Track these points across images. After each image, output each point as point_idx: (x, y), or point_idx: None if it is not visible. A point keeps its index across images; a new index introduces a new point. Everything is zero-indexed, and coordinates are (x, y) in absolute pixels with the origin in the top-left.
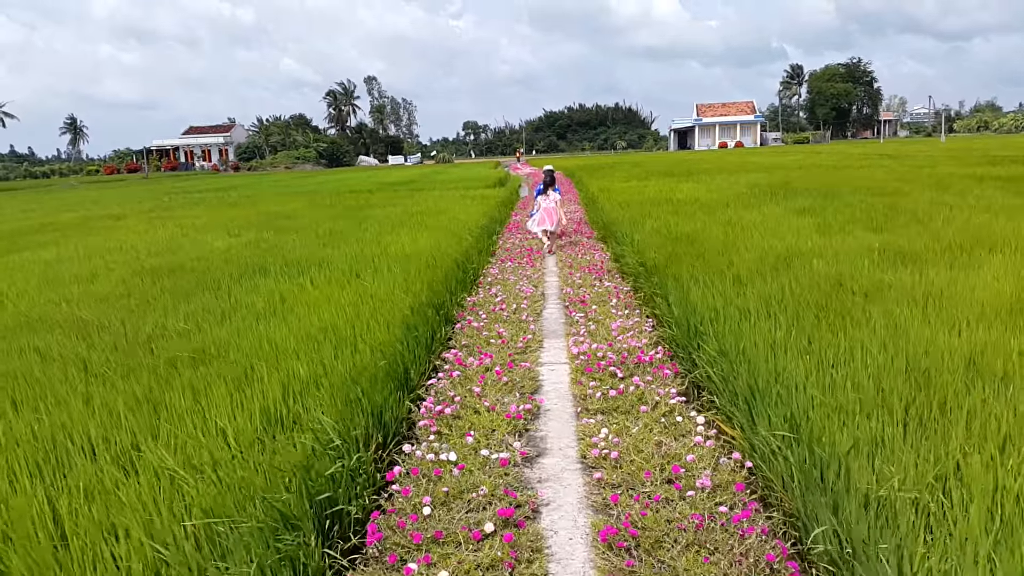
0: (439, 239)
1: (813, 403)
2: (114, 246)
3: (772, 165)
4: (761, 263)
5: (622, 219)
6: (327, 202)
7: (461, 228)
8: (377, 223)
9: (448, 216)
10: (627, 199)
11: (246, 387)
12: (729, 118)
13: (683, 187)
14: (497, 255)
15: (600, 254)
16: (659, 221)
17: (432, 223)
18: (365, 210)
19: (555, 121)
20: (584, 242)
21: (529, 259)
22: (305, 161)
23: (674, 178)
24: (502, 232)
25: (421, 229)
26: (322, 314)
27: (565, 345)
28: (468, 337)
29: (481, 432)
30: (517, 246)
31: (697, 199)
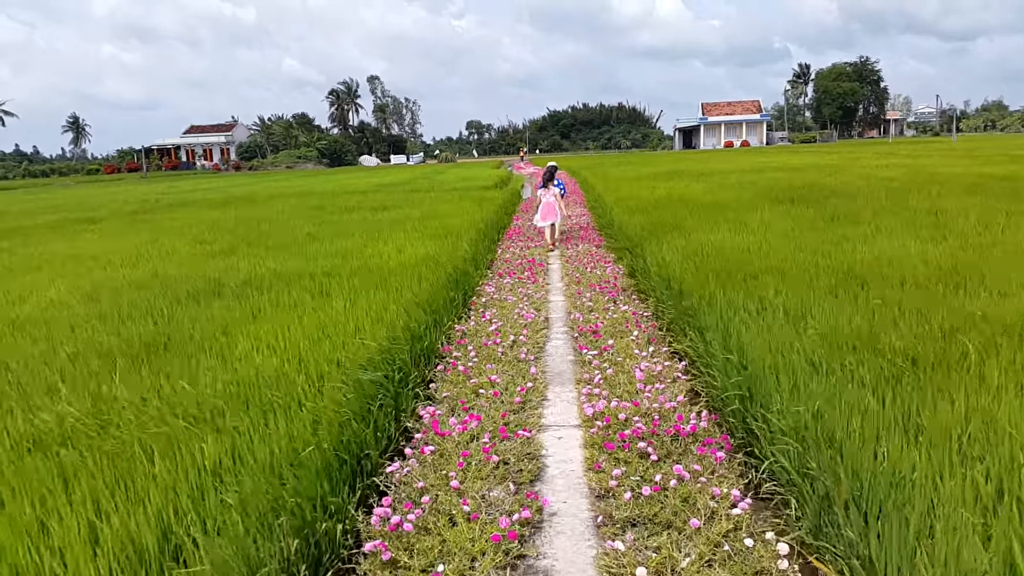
0: (430, 249)
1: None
2: (73, 254)
3: (787, 165)
4: (813, 281)
5: (633, 224)
6: (316, 204)
7: (456, 236)
8: (365, 229)
9: (443, 221)
10: (638, 201)
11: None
12: (735, 117)
13: (696, 187)
14: (495, 267)
15: (612, 267)
16: (679, 229)
17: (425, 229)
18: (355, 213)
19: (559, 120)
20: (593, 252)
21: (531, 273)
22: (307, 160)
23: (685, 178)
24: (502, 239)
25: (412, 237)
26: (264, 356)
27: (575, 397)
28: (452, 384)
29: (456, 563)
30: (517, 257)
31: (716, 201)
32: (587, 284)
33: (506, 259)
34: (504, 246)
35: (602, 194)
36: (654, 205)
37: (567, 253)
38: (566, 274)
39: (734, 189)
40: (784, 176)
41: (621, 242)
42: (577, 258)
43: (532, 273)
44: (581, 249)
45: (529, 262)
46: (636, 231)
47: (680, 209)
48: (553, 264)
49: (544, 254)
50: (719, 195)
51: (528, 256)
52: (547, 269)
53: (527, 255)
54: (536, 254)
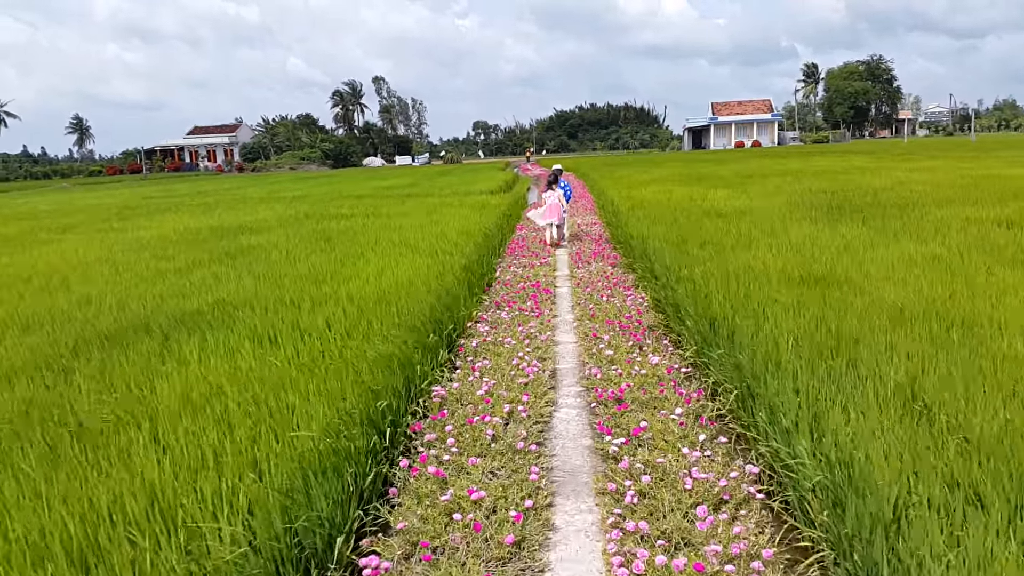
0: (417, 270)
1: None
2: (16, 273)
3: (810, 168)
4: (937, 338)
5: (654, 237)
6: (305, 211)
7: (450, 251)
8: (349, 241)
9: (437, 233)
10: (656, 208)
11: None
12: (745, 117)
13: (717, 193)
14: (493, 291)
15: (632, 294)
16: (710, 246)
17: (417, 242)
18: (344, 221)
19: (566, 120)
20: (608, 272)
21: (535, 303)
22: (310, 162)
23: (704, 182)
24: (503, 254)
25: (400, 253)
26: (102, 487)
27: (598, 528)
28: (416, 499)
29: None
30: (519, 277)
31: (744, 210)
32: (603, 319)
33: (507, 281)
34: (505, 264)
35: (615, 200)
36: (674, 214)
37: (578, 274)
38: (577, 303)
39: (762, 195)
40: (813, 180)
41: (641, 262)
42: (590, 280)
43: (536, 303)
44: (594, 269)
45: (533, 286)
46: (658, 246)
47: (706, 220)
48: (562, 288)
49: (550, 275)
50: (745, 202)
51: (532, 278)
52: (554, 295)
53: (531, 276)
54: (541, 275)
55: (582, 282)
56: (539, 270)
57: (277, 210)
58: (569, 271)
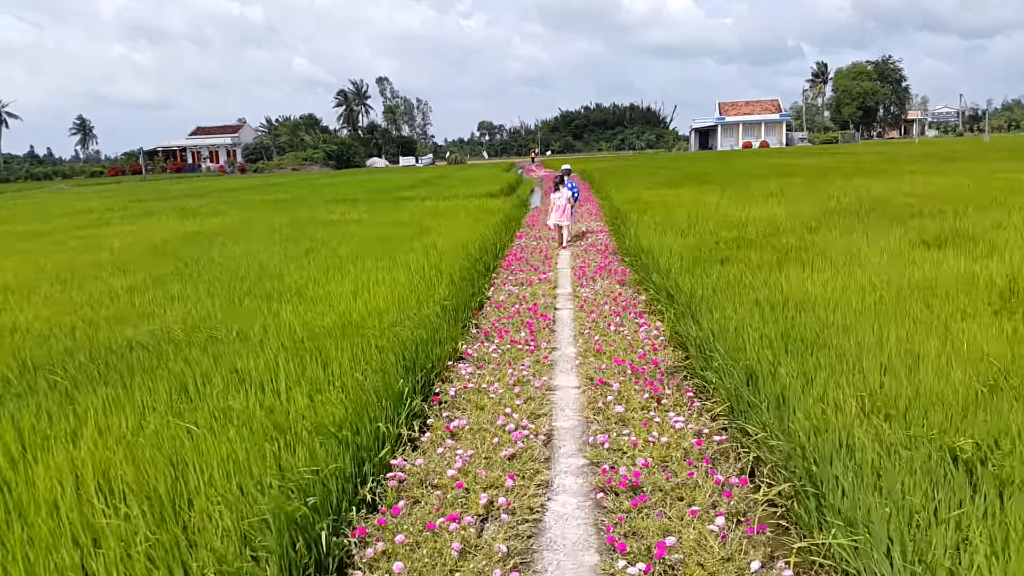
0: (398, 291)
1: None
2: None
3: (835, 168)
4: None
5: (666, 249)
6: (289, 218)
7: (437, 268)
8: (329, 253)
9: (428, 244)
10: (669, 216)
11: None
12: (753, 117)
13: (734, 198)
14: (483, 315)
15: (646, 324)
16: (737, 263)
17: (403, 256)
18: (329, 229)
19: (571, 121)
20: (617, 293)
21: (530, 334)
22: (313, 162)
23: (717, 186)
24: (497, 268)
25: (380, 268)
26: None
27: None
28: None
29: None
30: (515, 297)
31: (774, 218)
32: (611, 355)
33: (500, 301)
34: (500, 279)
35: (621, 206)
36: (690, 222)
37: (581, 294)
38: (580, 333)
39: (787, 201)
40: (842, 182)
41: (654, 281)
42: (595, 302)
43: (532, 332)
44: (600, 288)
45: (530, 310)
46: (675, 265)
47: (728, 230)
48: (562, 311)
49: (550, 293)
50: (772, 209)
51: (529, 298)
52: (553, 321)
53: (528, 295)
54: (540, 294)
55: (586, 304)
56: (538, 288)
57: (262, 215)
58: (572, 289)
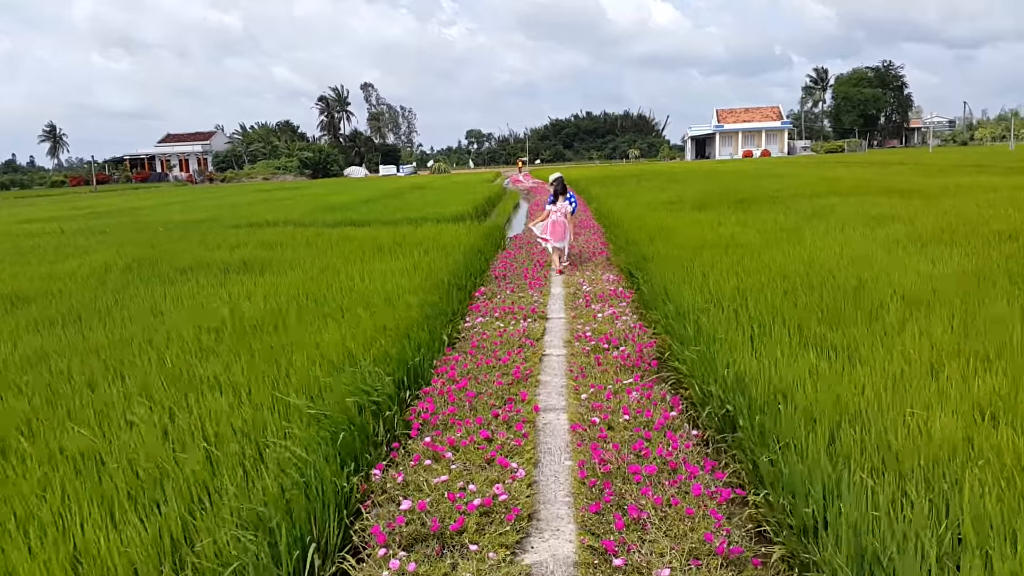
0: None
1: None
2: None
3: (873, 184)
4: None
5: (709, 335)
6: (160, 252)
7: (349, 355)
8: (144, 368)
9: (347, 304)
10: (698, 258)
11: None
12: (753, 124)
13: (776, 221)
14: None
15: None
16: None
17: (295, 344)
18: (192, 284)
19: (561, 129)
20: (640, 405)
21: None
22: (286, 171)
23: (766, 209)
24: (459, 325)
25: (251, 379)
26: None
27: None
28: None
29: None
30: (474, 372)
31: (860, 257)
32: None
33: (447, 403)
34: (445, 374)
35: (640, 242)
36: (733, 266)
37: (582, 399)
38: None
39: (843, 227)
40: (901, 204)
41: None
42: (599, 401)
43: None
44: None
45: (504, 394)
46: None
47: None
48: (552, 423)
49: (530, 392)
50: (842, 244)
51: (495, 400)
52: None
53: (493, 394)
54: (512, 400)
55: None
56: (513, 386)
57: (124, 251)
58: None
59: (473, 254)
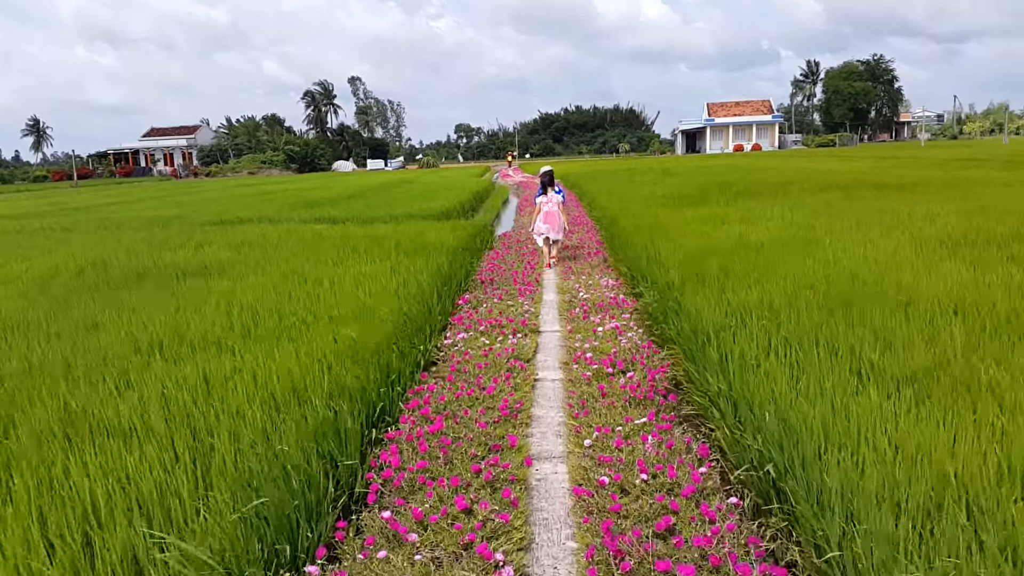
0: None
1: None
2: None
3: (897, 179)
4: None
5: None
6: (113, 254)
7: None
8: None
9: (295, 335)
10: (708, 261)
11: None
12: (744, 118)
13: (792, 220)
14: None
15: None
16: None
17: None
18: (144, 287)
19: (551, 123)
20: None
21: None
22: (272, 165)
23: (774, 204)
24: (438, 348)
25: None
26: None
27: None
28: None
29: None
30: (453, 407)
31: (890, 264)
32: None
33: (417, 453)
34: (431, 379)
35: (635, 238)
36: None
37: (585, 446)
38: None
39: (858, 224)
40: (911, 199)
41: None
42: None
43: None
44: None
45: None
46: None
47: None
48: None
49: (521, 434)
50: (863, 244)
51: (477, 447)
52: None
53: (475, 439)
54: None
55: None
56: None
57: (80, 252)
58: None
59: (458, 255)
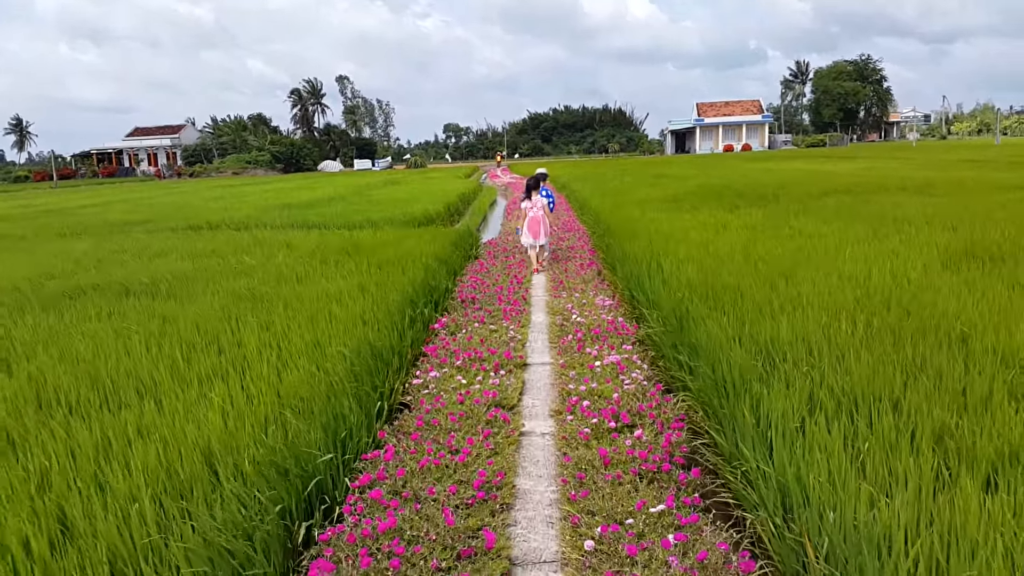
0: None
1: None
2: None
3: (873, 179)
4: None
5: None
6: (87, 263)
7: None
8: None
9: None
10: (717, 278)
11: None
12: (733, 118)
13: (781, 225)
14: None
15: None
16: None
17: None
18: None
19: (539, 123)
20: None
21: None
22: (257, 166)
23: (739, 208)
24: (405, 387)
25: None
26: None
27: None
28: None
29: None
30: (414, 485)
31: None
32: None
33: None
34: (391, 438)
35: (632, 248)
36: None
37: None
38: None
39: (875, 234)
40: (924, 203)
41: None
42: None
43: None
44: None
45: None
46: None
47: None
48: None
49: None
50: (889, 259)
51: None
52: None
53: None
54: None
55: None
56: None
57: (23, 264)
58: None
59: (437, 268)
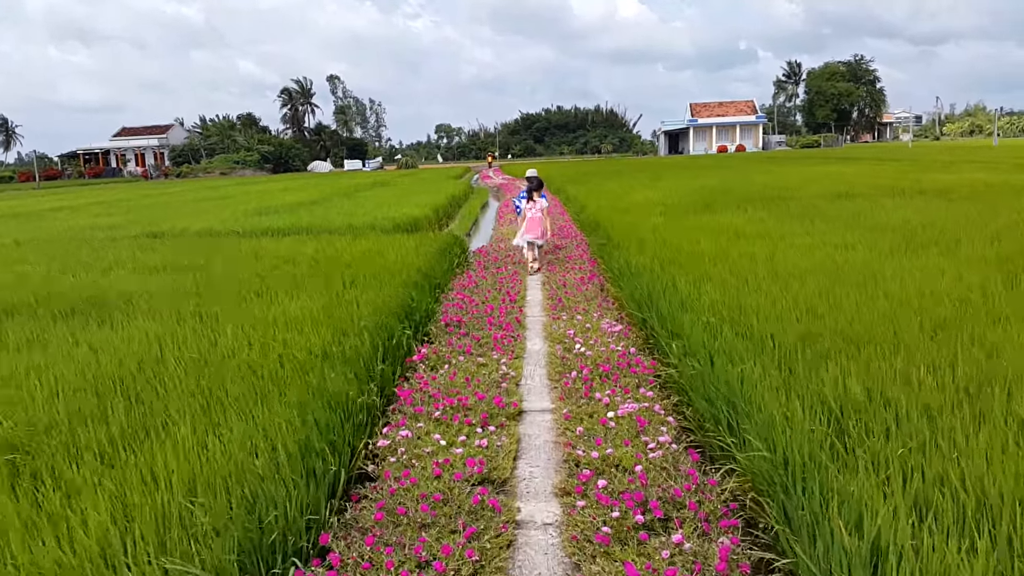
0: None
1: None
2: None
3: (882, 181)
4: None
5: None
6: (31, 275)
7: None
8: None
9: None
10: (744, 298)
11: None
12: (727, 119)
13: (798, 232)
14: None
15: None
16: None
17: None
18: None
19: (532, 124)
20: None
21: None
22: (245, 166)
23: (748, 213)
24: (366, 457)
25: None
26: None
27: None
28: None
29: None
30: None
31: None
32: None
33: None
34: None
35: (640, 260)
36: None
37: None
38: None
39: (907, 245)
40: (950, 208)
41: None
42: None
43: None
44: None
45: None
46: None
47: None
48: None
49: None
50: (942, 272)
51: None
52: None
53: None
54: None
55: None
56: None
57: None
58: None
59: (420, 282)
